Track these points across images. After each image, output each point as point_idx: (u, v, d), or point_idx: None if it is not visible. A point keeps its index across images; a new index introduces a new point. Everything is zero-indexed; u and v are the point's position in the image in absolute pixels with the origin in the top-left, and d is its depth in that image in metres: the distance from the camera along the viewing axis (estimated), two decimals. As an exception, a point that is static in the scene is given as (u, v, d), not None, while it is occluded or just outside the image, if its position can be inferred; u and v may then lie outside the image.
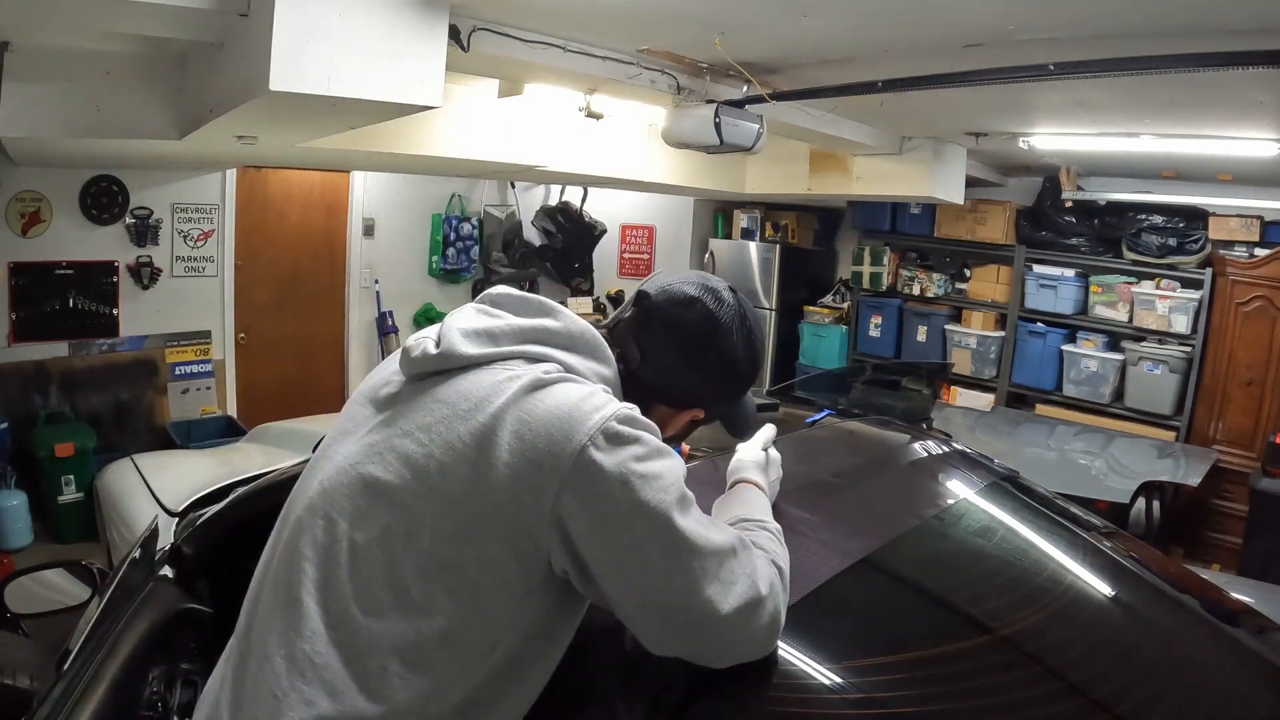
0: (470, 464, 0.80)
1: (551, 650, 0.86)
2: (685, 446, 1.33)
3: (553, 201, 6.01)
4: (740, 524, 0.97)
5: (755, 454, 1.15)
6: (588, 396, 0.83)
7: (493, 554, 0.79)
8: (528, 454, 0.79)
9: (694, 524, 0.81)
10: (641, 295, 0.99)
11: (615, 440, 0.80)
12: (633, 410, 0.84)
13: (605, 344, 0.94)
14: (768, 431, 1.20)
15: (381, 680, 0.77)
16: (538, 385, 0.83)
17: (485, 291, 1.00)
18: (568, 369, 0.88)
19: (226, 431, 4.39)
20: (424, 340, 0.92)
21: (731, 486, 1.10)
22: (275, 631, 0.82)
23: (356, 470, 0.86)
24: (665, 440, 0.92)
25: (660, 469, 0.81)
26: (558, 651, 0.87)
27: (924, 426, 2.77)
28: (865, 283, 5.84)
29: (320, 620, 0.80)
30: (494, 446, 0.79)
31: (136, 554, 1.82)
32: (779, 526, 0.99)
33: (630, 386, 0.95)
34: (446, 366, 0.88)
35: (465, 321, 0.92)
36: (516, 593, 0.80)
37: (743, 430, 1.14)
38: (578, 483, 0.78)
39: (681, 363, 0.97)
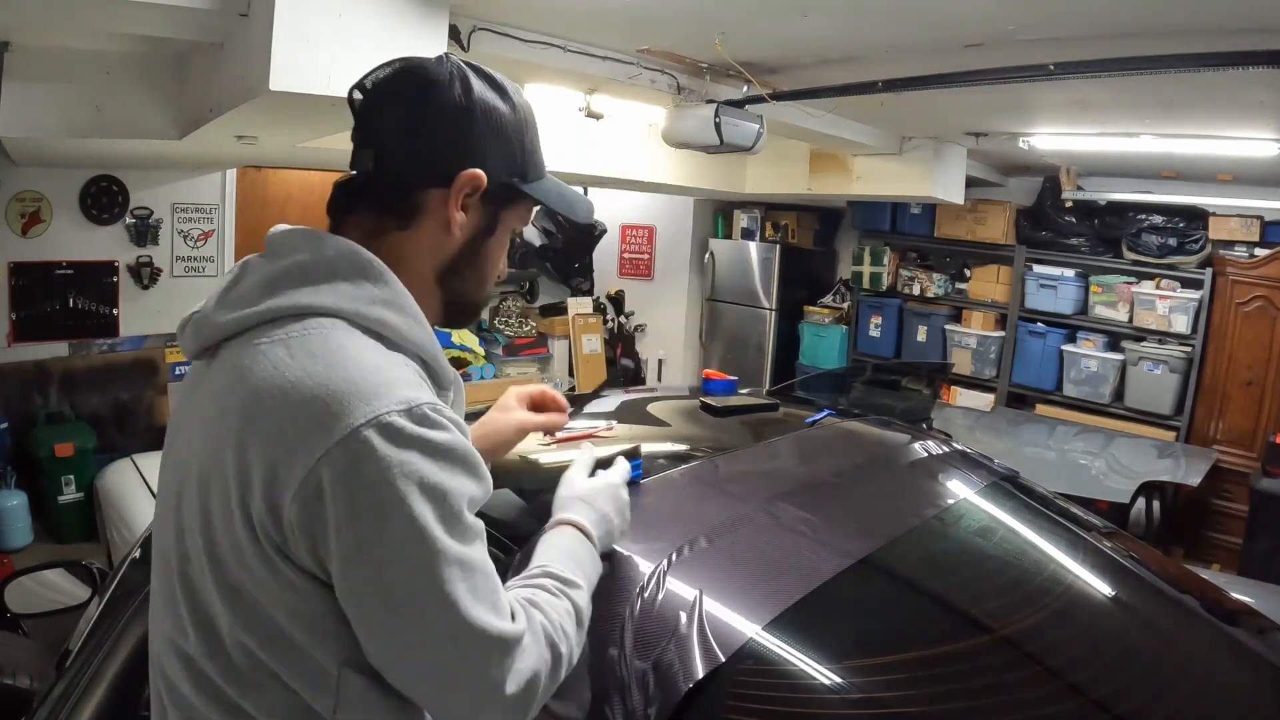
0: (219, 469, 0.72)
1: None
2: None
3: (553, 201, 6.01)
4: (537, 581, 0.83)
5: (579, 484, 0.99)
6: (351, 385, 0.69)
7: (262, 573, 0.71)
8: (267, 455, 0.69)
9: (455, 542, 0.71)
10: (349, 96, 0.83)
11: (368, 447, 0.68)
12: (420, 407, 0.71)
13: (373, 259, 0.78)
14: (584, 456, 1.04)
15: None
16: (273, 377, 0.71)
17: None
18: (333, 313, 0.75)
19: (226, 431, 4.38)
20: (192, 313, 0.81)
21: (551, 525, 0.94)
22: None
23: (161, 493, 0.81)
24: (486, 246, 0.86)
25: (423, 499, 0.69)
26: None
27: (924, 426, 2.77)
28: (865, 283, 5.84)
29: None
30: (234, 452, 0.71)
31: (136, 554, 1.82)
32: (585, 598, 0.85)
33: (388, 196, 0.81)
34: (207, 342, 0.78)
35: (225, 282, 0.80)
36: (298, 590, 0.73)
37: (573, 210, 0.94)
38: (328, 495, 0.68)
39: (416, 123, 0.80)
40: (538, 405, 1.18)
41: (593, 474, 1.02)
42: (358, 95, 0.83)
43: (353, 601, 0.71)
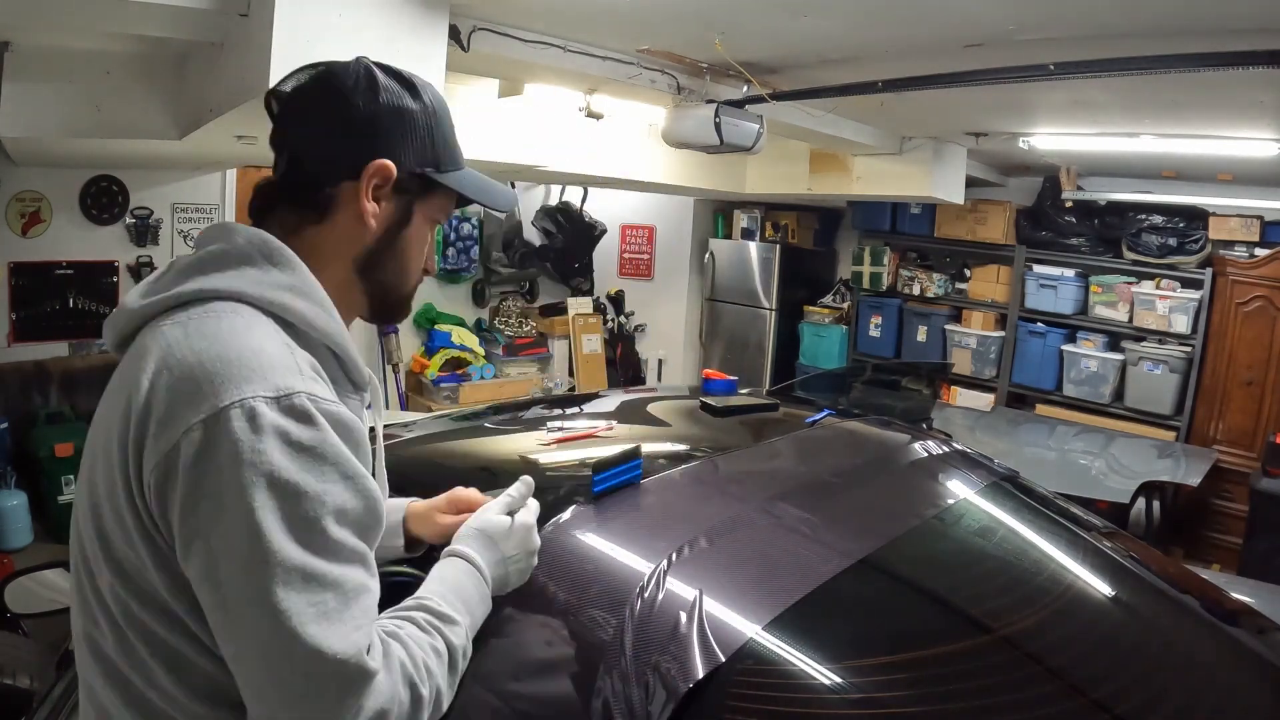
0: (120, 441, 0.71)
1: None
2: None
3: (553, 201, 6.02)
4: (407, 614, 0.79)
5: (489, 519, 0.91)
6: (227, 366, 0.69)
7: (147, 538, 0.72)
8: (143, 427, 0.69)
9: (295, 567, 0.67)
10: (266, 100, 0.87)
11: (234, 432, 0.66)
12: (293, 396, 0.69)
13: (283, 247, 0.80)
14: (517, 489, 0.95)
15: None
16: (173, 346, 0.71)
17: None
18: (236, 296, 0.76)
19: (226, 431, 4.39)
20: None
21: (445, 554, 0.89)
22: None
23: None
24: (403, 236, 0.87)
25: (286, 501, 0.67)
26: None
27: (924, 426, 2.77)
28: (865, 283, 5.84)
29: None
30: (120, 425, 0.71)
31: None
32: (463, 636, 0.80)
33: (303, 192, 0.84)
34: (127, 329, 0.79)
35: (150, 276, 0.83)
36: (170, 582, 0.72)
37: (492, 199, 0.95)
38: (179, 472, 0.67)
39: (326, 121, 0.83)
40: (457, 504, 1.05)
41: (513, 512, 0.94)
42: (274, 103, 0.85)
43: (195, 589, 0.69)
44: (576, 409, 1.89)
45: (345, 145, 0.83)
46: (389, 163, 0.83)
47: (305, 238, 0.83)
